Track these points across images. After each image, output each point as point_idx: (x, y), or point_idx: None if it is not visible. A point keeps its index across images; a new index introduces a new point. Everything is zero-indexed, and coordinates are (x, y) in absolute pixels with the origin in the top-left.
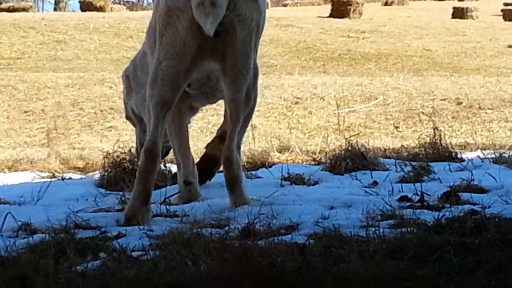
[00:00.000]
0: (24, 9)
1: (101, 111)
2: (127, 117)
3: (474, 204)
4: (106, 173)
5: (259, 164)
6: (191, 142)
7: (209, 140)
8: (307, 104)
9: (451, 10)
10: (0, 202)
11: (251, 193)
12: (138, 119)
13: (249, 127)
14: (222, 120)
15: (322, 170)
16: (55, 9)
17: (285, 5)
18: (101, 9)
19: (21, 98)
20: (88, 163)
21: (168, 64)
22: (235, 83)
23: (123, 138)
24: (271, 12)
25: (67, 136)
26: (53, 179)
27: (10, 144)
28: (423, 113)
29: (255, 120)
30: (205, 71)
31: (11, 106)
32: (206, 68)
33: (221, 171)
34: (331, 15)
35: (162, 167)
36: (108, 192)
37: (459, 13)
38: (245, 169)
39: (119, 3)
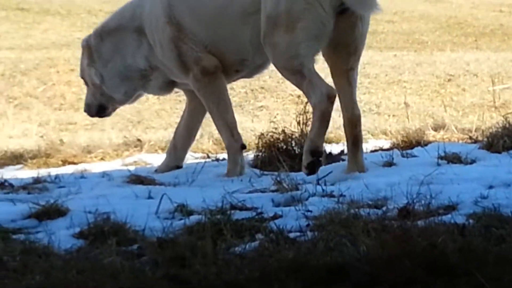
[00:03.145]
0: None
1: (252, 90)
2: (82, 77)
3: None
4: (260, 154)
5: (414, 142)
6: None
7: None
8: (460, 81)
9: None
10: (155, 183)
11: (408, 172)
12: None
13: (402, 105)
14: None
15: (479, 148)
16: None
17: None
18: None
19: None
20: None
21: (308, 45)
22: (359, 52)
23: (274, 118)
24: None
25: None
26: (207, 160)
27: (162, 124)
28: None
29: (408, 97)
30: None
31: None
32: None
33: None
34: None
35: None
36: (262, 172)
37: None
38: (400, 147)
39: None
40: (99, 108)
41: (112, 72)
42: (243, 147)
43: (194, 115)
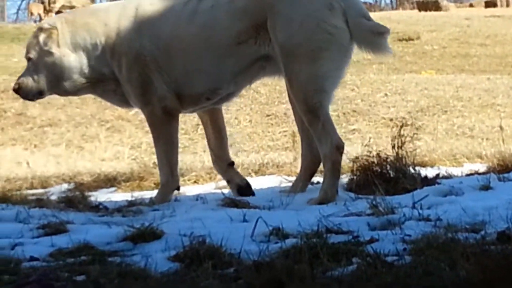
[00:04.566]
0: None
1: (344, 114)
2: (31, 58)
3: None
4: (355, 177)
5: (510, 166)
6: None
7: None
8: None
9: None
10: (249, 207)
11: (505, 196)
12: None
13: (496, 128)
14: None
15: None
16: None
17: None
18: None
19: (263, 101)
20: None
21: (335, 75)
22: None
23: (366, 141)
24: None
25: None
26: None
27: (254, 148)
28: None
29: (502, 121)
30: None
31: (253, 109)
32: None
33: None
34: None
35: (411, 170)
36: (357, 196)
37: None
38: (497, 171)
39: None
40: (38, 93)
41: (73, 65)
42: (178, 188)
43: (214, 117)
